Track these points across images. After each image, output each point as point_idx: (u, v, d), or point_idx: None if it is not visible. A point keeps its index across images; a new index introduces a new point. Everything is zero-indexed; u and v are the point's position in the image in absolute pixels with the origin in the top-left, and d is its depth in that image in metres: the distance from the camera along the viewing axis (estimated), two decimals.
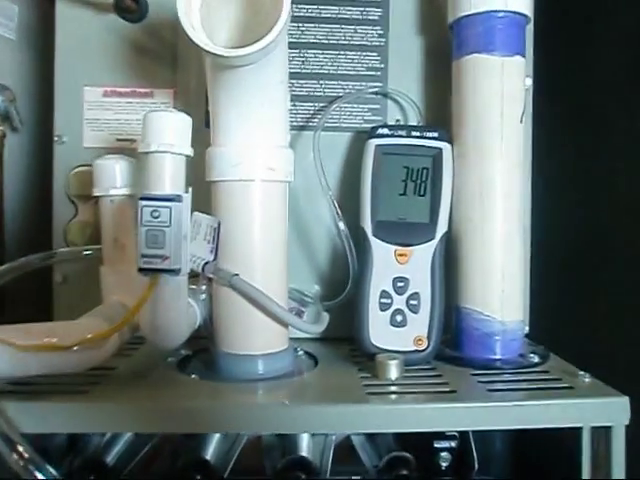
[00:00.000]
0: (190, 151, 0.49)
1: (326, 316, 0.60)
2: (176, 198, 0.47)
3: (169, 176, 0.48)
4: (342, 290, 0.63)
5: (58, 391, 0.48)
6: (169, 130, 0.47)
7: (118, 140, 0.65)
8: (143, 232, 0.46)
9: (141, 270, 0.47)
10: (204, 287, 0.59)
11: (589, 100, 0.70)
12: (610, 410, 0.47)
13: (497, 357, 0.57)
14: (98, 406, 0.47)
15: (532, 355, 0.57)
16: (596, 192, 0.68)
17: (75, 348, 0.45)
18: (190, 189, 0.48)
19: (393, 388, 0.51)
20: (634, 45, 0.62)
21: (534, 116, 0.67)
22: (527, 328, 0.67)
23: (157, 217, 0.46)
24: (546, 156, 0.69)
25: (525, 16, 0.58)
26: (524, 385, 0.52)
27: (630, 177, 0.62)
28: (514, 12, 0.57)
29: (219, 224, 0.54)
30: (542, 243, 0.69)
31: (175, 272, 0.47)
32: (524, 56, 0.59)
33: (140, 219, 0.46)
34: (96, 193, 0.54)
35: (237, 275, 0.53)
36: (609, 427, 0.47)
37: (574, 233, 0.71)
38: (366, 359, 0.56)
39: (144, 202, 0.46)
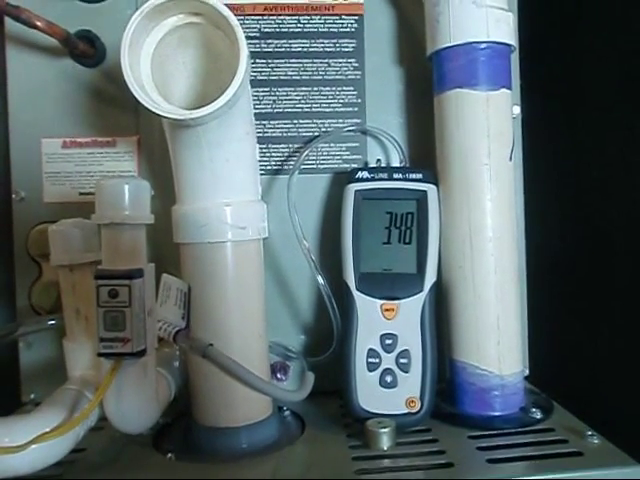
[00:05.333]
0: (150, 219, 0.45)
1: (311, 376, 0.55)
2: (136, 274, 0.43)
3: (127, 250, 0.43)
4: (329, 340, 0.58)
5: None
6: (124, 200, 0.43)
7: (81, 194, 0.61)
8: (100, 314, 0.42)
9: (100, 355, 0.43)
10: (177, 352, 0.55)
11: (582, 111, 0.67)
12: None
13: (497, 414, 0.53)
14: None
15: (534, 410, 0.53)
16: (594, 204, 0.65)
17: (32, 447, 0.41)
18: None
19: (385, 462, 0.47)
20: (625, 60, 0.59)
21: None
22: (527, 371, 0.63)
23: (115, 297, 0.42)
24: (538, 183, 0.65)
25: (509, 45, 0.54)
26: (527, 451, 0.48)
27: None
28: (497, 42, 0.53)
29: (189, 289, 0.50)
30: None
31: (138, 355, 0.43)
32: (510, 88, 0.54)
33: (97, 299, 0.42)
34: (54, 263, 0.50)
35: (211, 345, 0.49)
36: None
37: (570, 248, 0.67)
38: (355, 421, 0.52)
39: (100, 281, 0.43)
